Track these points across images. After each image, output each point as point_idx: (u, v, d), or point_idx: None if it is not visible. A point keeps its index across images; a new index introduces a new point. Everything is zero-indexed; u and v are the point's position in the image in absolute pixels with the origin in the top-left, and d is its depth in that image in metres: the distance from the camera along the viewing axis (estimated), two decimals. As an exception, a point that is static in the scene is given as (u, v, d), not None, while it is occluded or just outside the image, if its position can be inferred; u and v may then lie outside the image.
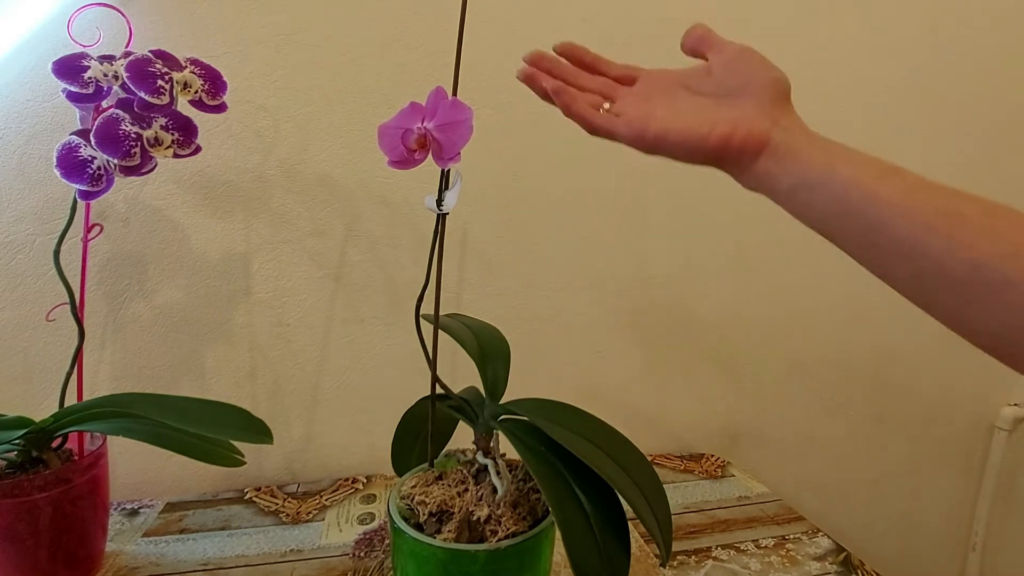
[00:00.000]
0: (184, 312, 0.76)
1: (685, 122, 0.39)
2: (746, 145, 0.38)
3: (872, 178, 0.34)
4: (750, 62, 0.40)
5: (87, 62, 0.52)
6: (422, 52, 0.76)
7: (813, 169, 0.36)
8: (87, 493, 0.56)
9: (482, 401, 0.53)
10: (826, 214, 0.36)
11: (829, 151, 0.36)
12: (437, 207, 0.44)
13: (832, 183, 0.35)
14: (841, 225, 0.35)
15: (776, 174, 0.37)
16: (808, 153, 0.36)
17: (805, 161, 0.36)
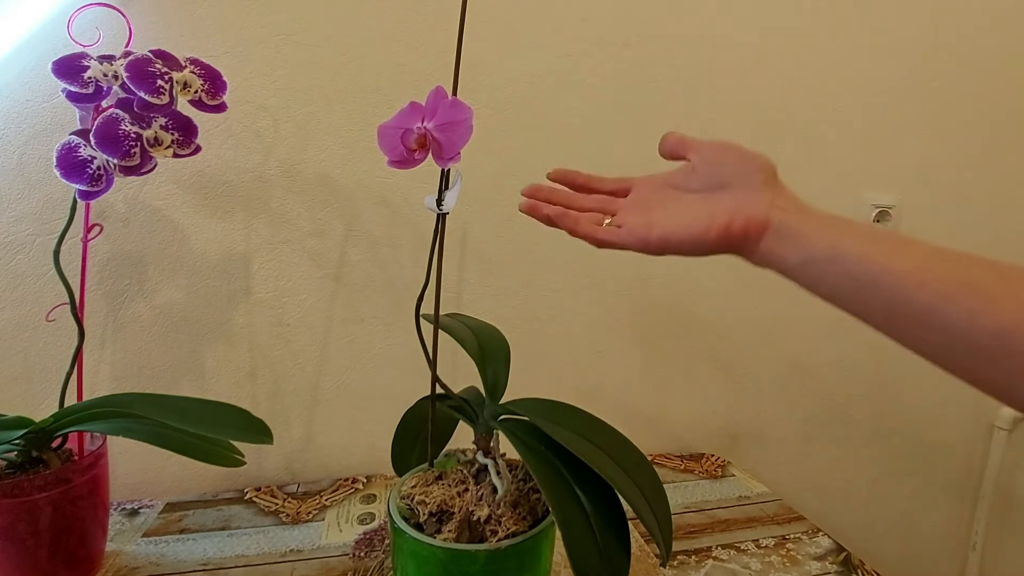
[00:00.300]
0: (184, 312, 0.76)
1: (684, 221, 0.41)
2: (748, 230, 0.39)
3: (883, 253, 0.34)
4: (731, 154, 0.42)
5: (87, 62, 0.52)
6: (422, 52, 0.76)
7: (818, 246, 0.36)
8: (87, 493, 0.56)
9: (482, 401, 0.53)
10: (839, 289, 0.36)
11: (831, 226, 0.37)
12: (437, 207, 0.44)
13: (841, 259, 0.35)
14: (857, 299, 0.35)
15: (782, 253, 0.38)
16: (810, 231, 0.37)
17: (809, 238, 0.37)
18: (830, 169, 0.94)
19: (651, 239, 0.41)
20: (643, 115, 0.85)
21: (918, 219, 1.00)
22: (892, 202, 0.97)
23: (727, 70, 0.87)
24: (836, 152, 0.94)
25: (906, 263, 0.33)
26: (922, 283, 0.32)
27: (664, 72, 0.84)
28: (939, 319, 0.32)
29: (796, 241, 0.37)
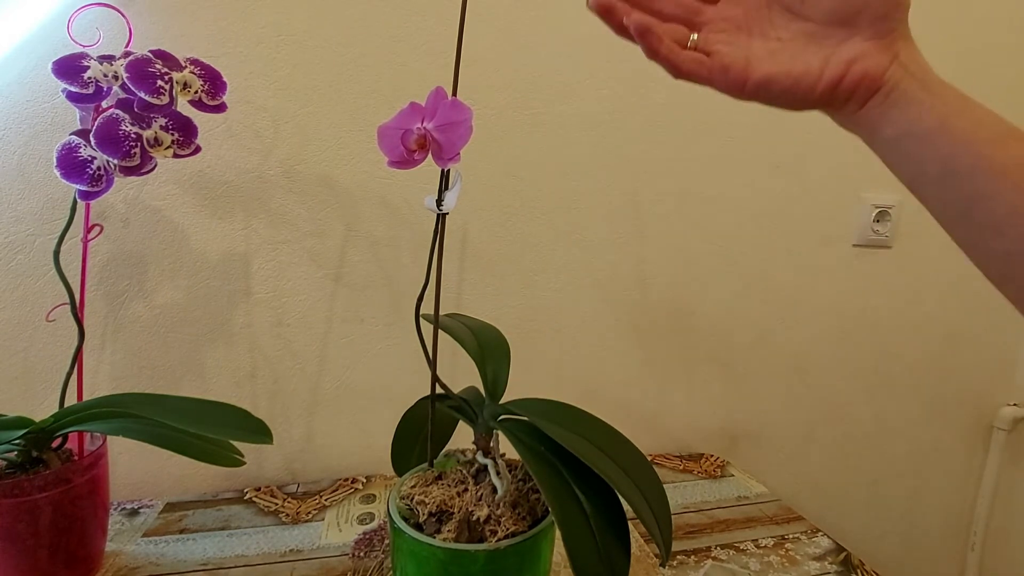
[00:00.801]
0: (184, 312, 0.76)
1: (792, 65, 0.33)
2: (858, 87, 0.33)
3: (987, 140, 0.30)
4: None
5: (87, 62, 0.52)
6: (422, 52, 0.76)
7: (923, 121, 0.31)
8: (87, 493, 0.56)
9: (482, 401, 0.53)
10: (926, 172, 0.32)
11: (946, 100, 0.32)
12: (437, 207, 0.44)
13: (941, 140, 0.31)
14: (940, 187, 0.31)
15: (881, 121, 0.33)
16: (922, 101, 0.32)
17: (917, 110, 0.32)
18: (830, 169, 0.95)
19: (748, 81, 0.34)
20: (643, 115, 0.85)
21: (918, 219, 1.00)
22: (892, 202, 0.97)
23: (727, 70, 0.87)
24: (836, 152, 0.94)
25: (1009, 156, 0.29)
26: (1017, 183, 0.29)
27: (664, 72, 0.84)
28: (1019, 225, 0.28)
29: (904, 109, 0.32)
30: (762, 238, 0.93)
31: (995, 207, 0.29)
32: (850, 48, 0.33)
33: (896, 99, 0.33)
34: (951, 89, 0.33)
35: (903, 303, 1.02)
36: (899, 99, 0.32)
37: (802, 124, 0.92)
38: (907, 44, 0.34)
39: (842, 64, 0.33)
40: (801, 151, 0.93)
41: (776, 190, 0.93)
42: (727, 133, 0.89)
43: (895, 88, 0.33)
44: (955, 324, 1.07)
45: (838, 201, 0.96)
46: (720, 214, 0.91)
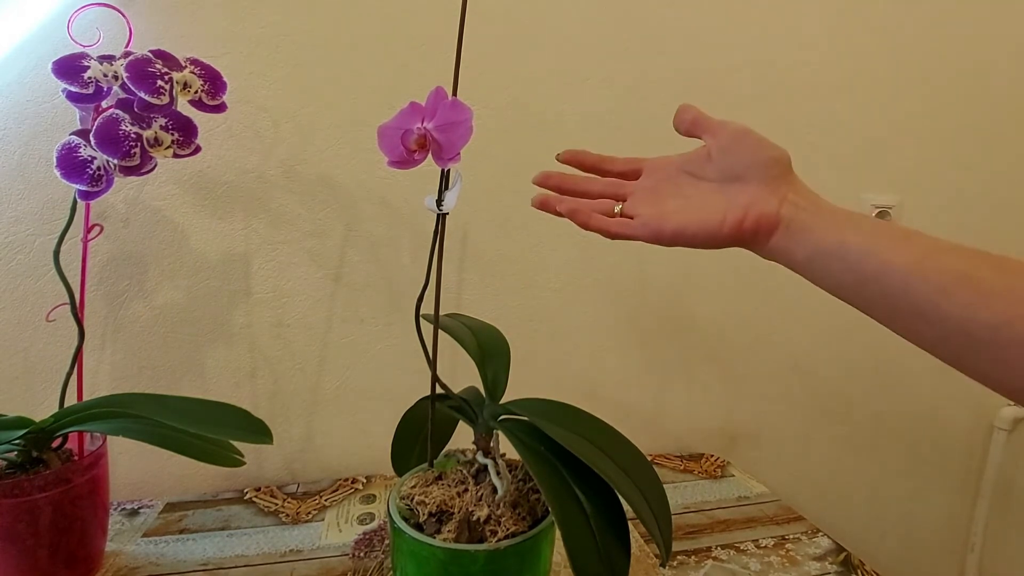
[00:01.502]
0: (184, 312, 0.76)
1: (698, 215, 0.41)
2: (759, 227, 0.39)
3: (885, 247, 0.35)
4: (747, 143, 0.42)
5: (87, 62, 0.52)
6: (422, 52, 0.76)
7: (825, 241, 0.37)
8: (87, 493, 0.56)
9: (482, 401, 0.53)
10: (843, 282, 0.37)
11: (839, 222, 0.37)
12: (437, 207, 0.44)
13: (846, 253, 0.36)
14: (860, 292, 0.36)
15: (790, 248, 0.39)
16: (818, 226, 0.38)
17: (817, 235, 0.37)
18: (830, 169, 0.95)
19: (664, 232, 0.41)
20: (643, 115, 0.85)
21: (918, 219, 1.00)
22: (892, 202, 0.97)
23: (727, 70, 0.87)
24: (836, 152, 0.94)
25: (906, 257, 0.34)
26: (921, 277, 0.33)
27: (664, 72, 0.84)
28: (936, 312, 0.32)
29: (804, 236, 0.38)
30: (762, 238, 0.93)
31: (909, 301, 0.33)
32: (744, 196, 0.40)
33: (795, 230, 0.39)
34: (843, 211, 0.39)
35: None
36: (797, 229, 0.38)
37: (802, 124, 0.93)
38: (793, 185, 0.41)
39: (739, 209, 0.40)
40: (801, 151, 0.92)
41: (776, 190, 0.93)
42: (727, 133, 0.89)
43: (792, 221, 0.39)
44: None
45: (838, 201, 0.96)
46: (720, 214, 0.90)
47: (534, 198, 0.45)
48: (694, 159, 0.44)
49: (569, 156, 0.48)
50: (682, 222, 0.41)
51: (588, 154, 0.48)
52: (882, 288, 0.35)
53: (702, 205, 0.41)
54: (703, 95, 0.87)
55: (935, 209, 1.01)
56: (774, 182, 0.40)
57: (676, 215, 0.41)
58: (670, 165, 0.45)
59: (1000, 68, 0.99)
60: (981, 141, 1.01)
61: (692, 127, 0.44)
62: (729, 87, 0.87)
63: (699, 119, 0.44)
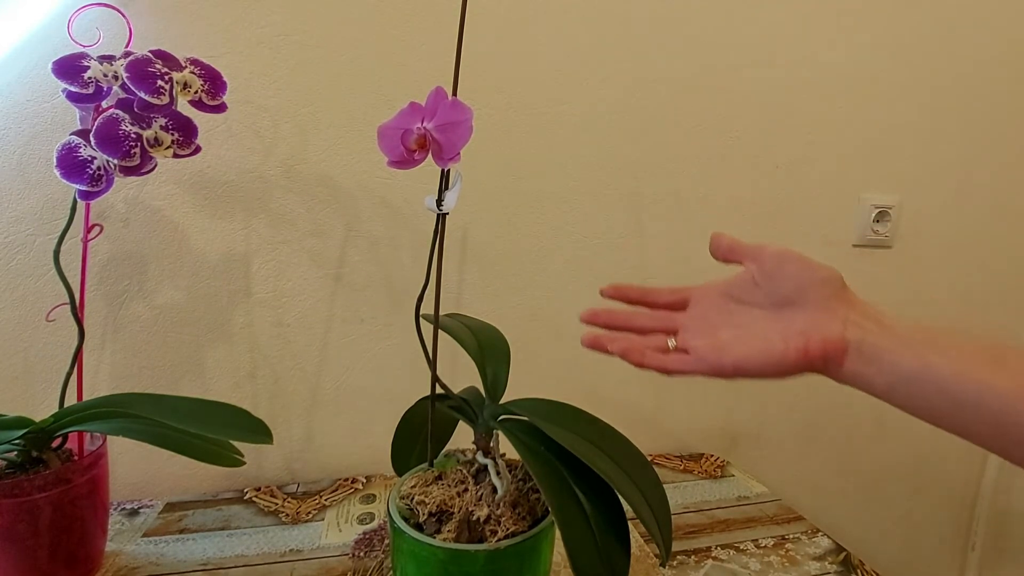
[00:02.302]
0: (184, 312, 0.76)
1: (757, 346, 0.38)
2: (827, 351, 0.36)
3: (980, 370, 0.32)
4: (792, 266, 0.40)
5: (87, 62, 0.52)
6: (422, 52, 0.76)
7: (906, 366, 0.34)
8: (87, 493, 0.56)
9: (482, 401, 0.53)
10: (936, 409, 0.34)
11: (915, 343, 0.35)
12: (437, 207, 0.44)
13: (934, 377, 0.33)
14: (958, 419, 0.33)
15: (868, 375, 0.36)
16: (894, 349, 0.35)
17: (895, 358, 0.35)
18: (830, 169, 0.95)
19: (725, 365, 0.39)
20: (644, 115, 0.85)
21: (918, 219, 1.00)
22: (892, 202, 0.97)
23: (728, 70, 0.87)
24: (836, 152, 0.94)
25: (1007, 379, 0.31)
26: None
27: (665, 72, 0.84)
28: None
29: (881, 362, 0.35)
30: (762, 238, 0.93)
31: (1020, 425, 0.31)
32: (802, 321, 0.38)
33: (868, 354, 0.36)
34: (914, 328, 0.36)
35: (903, 303, 1.02)
36: (870, 353, 0.35)
37: (802, 124, 0.93)
38: (852, 304, 0.38)
39: (800, 336, 0.37)
40: (801, 151, 0.93)
41: (776, 190, 0.93)
42: (727, 133, 0.89)
43: (862, 344, 0.36)
44: (955, 324, 1.07)
45: (838, 201, 0.96)
46: (720, 214, 0.91)
47: (584, 337, 0.44)
48: (740, 285, 0.43)
49: (613, 291, 0.47)
50: (742, 354, 0.38)
51: (632, 288, 0.47)
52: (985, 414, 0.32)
53: (759, 334, 0.39)
54: (704, 95, 0.87)
55: (935, 209, 1.01)
56: (830, 303, 0.38)
57: (734, 347, 0.39)
58: (716, 293, 0.44)
59: (1000, 68, 0.99)
60: (981, 141, 1.01)
61: (729, 254, 0.43)
62: (730, 86, 0.87)
63: (735, 245, 0.43)
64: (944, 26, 0.94)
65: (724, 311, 0.43)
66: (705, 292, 0.45)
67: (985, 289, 1.07)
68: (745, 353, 0.38)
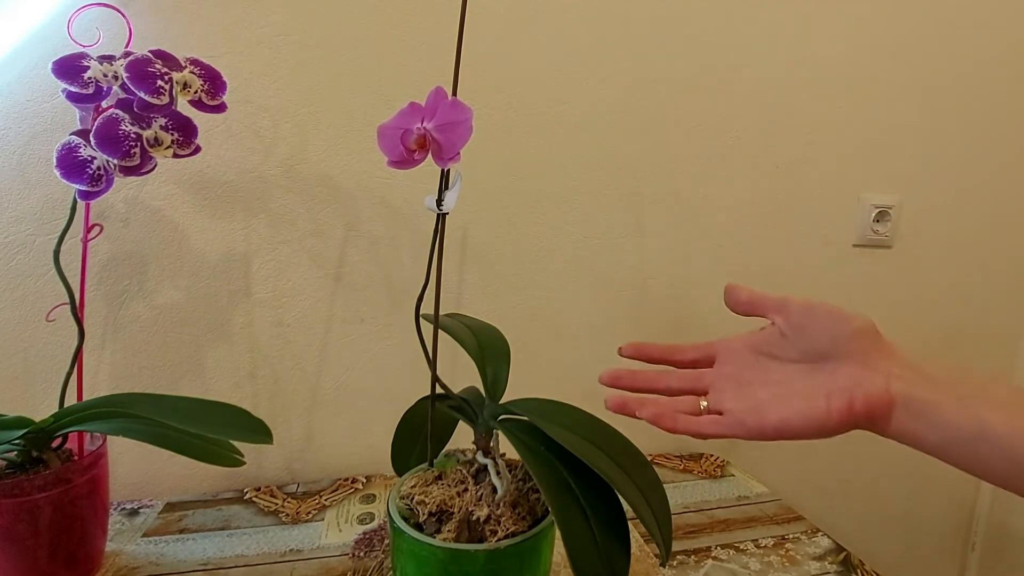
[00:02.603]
0: (184, 312, 0.76)
1: (798, 406, 0.36)
2: (872, 408, 0.35)
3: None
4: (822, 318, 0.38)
5: (87, 62, 0.52)
6: (422, 52, 0.76)
7: (959, 423, 0.32)
8: (87, 493, 0.56)
9: (482, 401, 0.53)
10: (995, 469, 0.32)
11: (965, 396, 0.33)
12: (437, 207, 0.44)
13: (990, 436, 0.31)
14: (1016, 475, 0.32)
15: (919, 432, 0.34)
16: (944, 404, 0.33)
17: (946, 416, 0.33)
18: (830, 169, 0.95)
19: (766, 428, 0.37)
20: (644, 115, 0.85)
21: (918, 219, 1.00)
22: (892, 202, 0.97)
23: (728, 70, 0.87)
24: (836, 152, 0.94)
25: None
26: None
27: (665, 72, 0.84)
28: None
29: (930, 418, 0.33)
30: (762, 238, 0.93)
31: None
32: (842, 378, 0.36)
33: (916, 410, 0.34)
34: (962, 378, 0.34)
35: (903, 303, 1.02)
36: (919, 409, 0.34)
37: (802, 124, 0.93)
38: (892, 355, 0.36)
39: (843, 393, 0.35)
40: (801, 151, 0.93)
41: (776, 190, 0.93)
42: (727, 133, 0.89)
43: (909, 400, 0.34)
44: (955, 324, 1.07)
45: (838, 201, 0.96)
46: (720, 214, 0.91)
47: (609, 400, 0.41)
48: (768, 340, 0.40)
49: (633, 351, 0.45)
50: (783, 416, 0.36)
51: (654, 346, 0.45)
52: None
53: (798, 393, 0.37)
54: (704, 94, 0.87)
55: (935, 209, 1.01)
56: (869, 356, 0.36)
57: (773, 407, 0.37)
58: (744, 347, 0.42)
59: (1000, 68, 0.99)
60: (981, 141, 1.01)
61: (750, 308, 0.41)
62: (730, 86, 0.87)
63: (755, 299, 0.41)
64: (944, 26, 0.94)
65: (757, 368, 0.41)
66: (732, 348, 0.43)
67: (985, 289, 1.07)
68: (786, 414, 0.36)
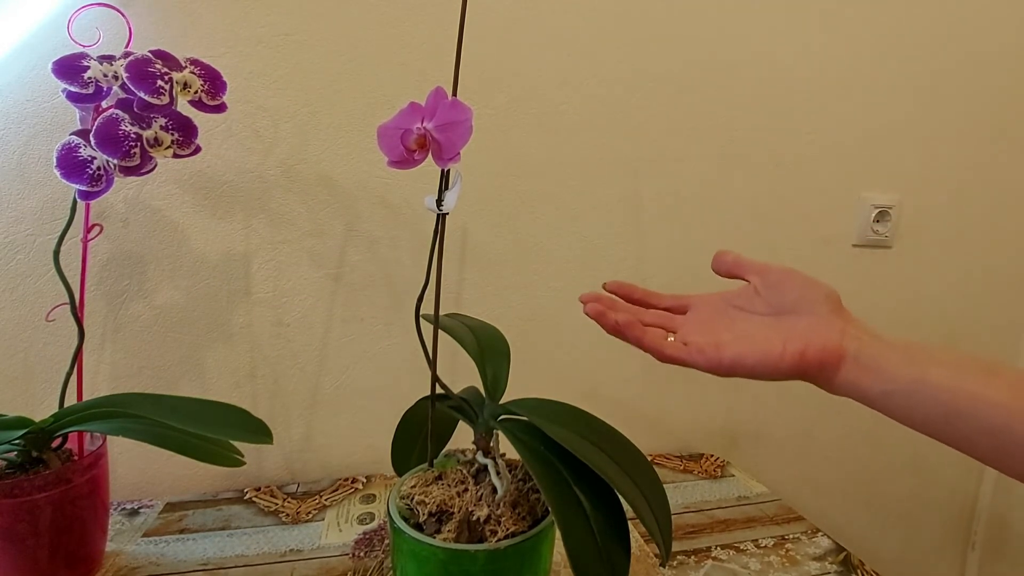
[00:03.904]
0: (184, 312, 0.76)
1: (756, 344, 0.40)
2: (824, 357, 0.38)
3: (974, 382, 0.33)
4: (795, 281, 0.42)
5: (87, 62, 0.52)
6: (422, 52, 0.76)
7: (902, 376, 0.36)
8: (87, 493, 0.56)
9: (482, 401, 0.53)
10: (929, 418, 0.35)
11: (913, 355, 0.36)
12: (437, 207, 0.44)
13: (929, 388, 0.34)
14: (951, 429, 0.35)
15: (863, 383, 0.37)
16: (891, 360, 0.36)
17: (892, 368, 0.36)
18: (830, 169, 0.95)
19: (723, 360, 0.40)
20: (644, 115, 0.85)
21: (918, 219, 1.00)
22: (892, 202, 0.97)
23: (727, 70, 0.87)
24: (836, 152, 0.94)
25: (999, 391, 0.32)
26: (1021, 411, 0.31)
27: (665, 72, 0.84)
28: None
29: (877, 370, 0.37)
30: (762, 238, 0.93)
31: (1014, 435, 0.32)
32: (801, 328, 0.39)
33: (865, 363, 0.37)
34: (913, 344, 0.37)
35: (903, 303, 1.02)
36: (867, 363, 0.37)
37: (802, 124, 0.93)
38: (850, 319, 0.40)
39: (799, 340, 0.39)
40: (801, 151, 0.93)
41: (776, 190, 0.93)
42: (727, 133, 0.89)
43: (859, 354, 0.37)
44: (955, 324, 1.07)
45: (838, 201, 0.96)
46: (720, 214, 0.91)
47: (587, 307, 0.42)
48: (741, 295, 0.44)
49: (616, 286, 0.48)
50: (740, 351, 0.39)
51: (635, 288, 0.48)
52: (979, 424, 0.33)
53: (759, 336, 0.40)
54: (704, 95, 0.87)
55: (935, 209, 1.01)
56: (830, 315, 0.40)
57: (733, 344, 0.40)
58: (718, 300, 0.45)
59: (1000, 67, 0.99)
60: (981, 140, 1.01)
61: (734, 268, 0.45)
62: (730, 86, 0.87)
63: (740, 260, 0.44)
64: (944, 26, 0.94)
65: (726, 316, 0.44)
66: (706, 300, 0.46)
67: (985, 289, 1.07)
68: (743, 351, 0.39)
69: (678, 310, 0.47)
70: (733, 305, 0.44)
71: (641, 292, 0.48)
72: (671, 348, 0.41)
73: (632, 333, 0.42)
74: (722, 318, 0.44)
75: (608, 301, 0.45)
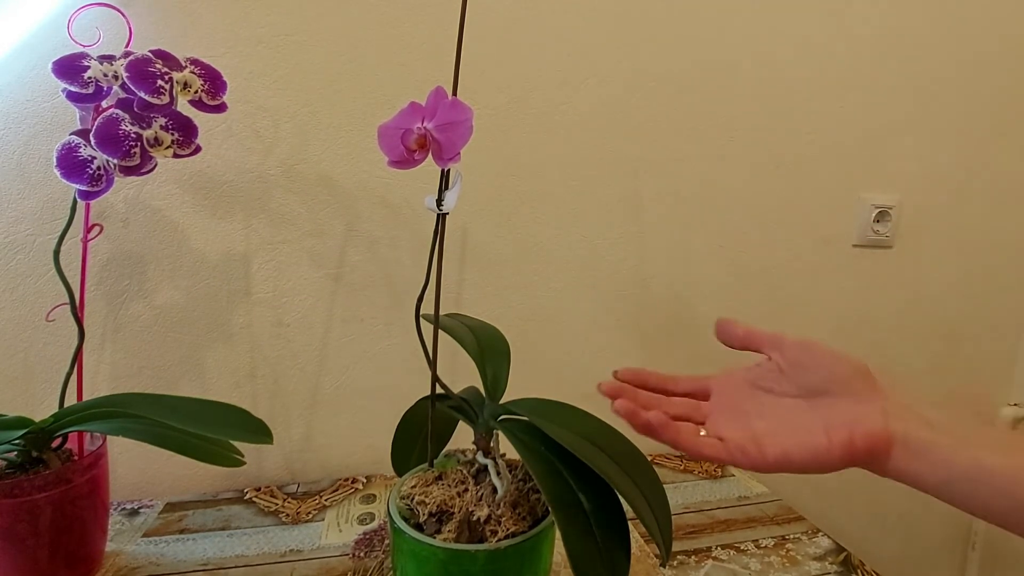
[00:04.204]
0: (184, 312, 0.76)
1: (798, 438, 0.37)
2: (872, 444, 0.35)
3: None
4: (817, 356, 0.39)
5: (87, 62, 0.52)
6: (422, 52, 0.76)
7: (959, 463, 0.33)
8: (87, 493, 0.56)
9: (482, 401, 0.53)
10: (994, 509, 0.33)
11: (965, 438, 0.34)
12: (437, 207, 0.44)
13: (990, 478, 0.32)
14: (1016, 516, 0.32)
15: (918, 471, 0.34)
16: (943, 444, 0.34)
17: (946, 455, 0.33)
18: (830, 169, 0.95)
19: (768, 459, 0.36)
20: (644, 115, 0.85)
21: (918, 219, 1.00)
22: (892, 202, 0.97)
23: (728, 70, 0.87)
24: (836, 152, 0.94)
25: None
26: None
27: (665, 72, 0.84)
28: None
29: (932, 459, 0.34)
30: (762, 238, 0.93)
31: None
32: (841, 413, 0.36)
33: (916, 450, 0.34)
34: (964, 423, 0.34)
35: (903, 303, 1.02)
36: (919, 449, 0.34)
37: (802, 124, 0.92)
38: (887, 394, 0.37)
39: (842, 428, 0.35)
40: (801, 151, 0.93)
41: (776, 190, 0.93)
42: (727, 133, 0.89)
43: (908, 439, 0.34)
44: (955, 324, 1.07)
45: (838, 201, 0.96)
46: (720, 214, 0.91)
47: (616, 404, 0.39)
48: (765, 375, 0.41)
49: (629, 375, 0.44)
50: (784, 447, 0.36)
51: (650, 374, 0.45)
52: None
53: (798, 425, 0.37)
54: (704, 95, 0.87)
55: (935, 209, 1.01)
56: (867, 395, 0.37)
57: (773, 439, 0.37)
58: (740, 381, 0.43)
59: (1000, 68, 0.99)
60: (982, 140, 1.01)
61: (747, 342, 0.42)
62: (731, 86, 0.87)
63: (752, 334, 0.42)
64: (944, 25, 0.94)
65: (752, 400, 0.41)
66: (728, 381, 0.43)
67: (985, 289, 1.07)
68: (786, 446, 0.36)
69: (699, 394, 0.44)
70: (758, 387, 0.41)
71: (655, 378, 0.45)
72: (708, 448, 0.38)
73: (668, 435, 0.38)
74: (749, 402, 0.41)
75: (631, 393, 0.43)
